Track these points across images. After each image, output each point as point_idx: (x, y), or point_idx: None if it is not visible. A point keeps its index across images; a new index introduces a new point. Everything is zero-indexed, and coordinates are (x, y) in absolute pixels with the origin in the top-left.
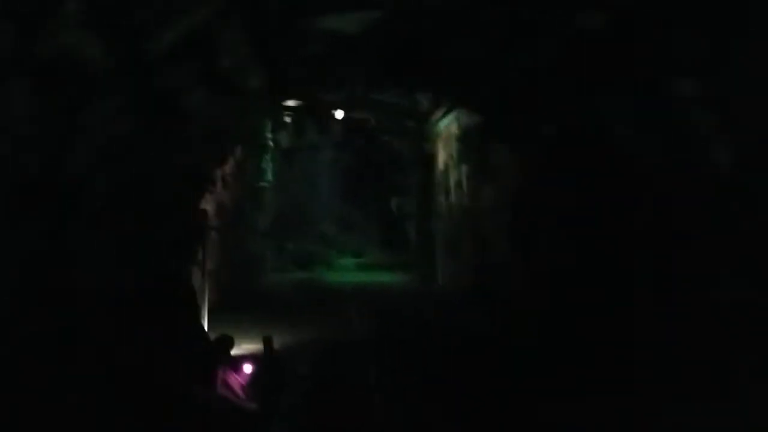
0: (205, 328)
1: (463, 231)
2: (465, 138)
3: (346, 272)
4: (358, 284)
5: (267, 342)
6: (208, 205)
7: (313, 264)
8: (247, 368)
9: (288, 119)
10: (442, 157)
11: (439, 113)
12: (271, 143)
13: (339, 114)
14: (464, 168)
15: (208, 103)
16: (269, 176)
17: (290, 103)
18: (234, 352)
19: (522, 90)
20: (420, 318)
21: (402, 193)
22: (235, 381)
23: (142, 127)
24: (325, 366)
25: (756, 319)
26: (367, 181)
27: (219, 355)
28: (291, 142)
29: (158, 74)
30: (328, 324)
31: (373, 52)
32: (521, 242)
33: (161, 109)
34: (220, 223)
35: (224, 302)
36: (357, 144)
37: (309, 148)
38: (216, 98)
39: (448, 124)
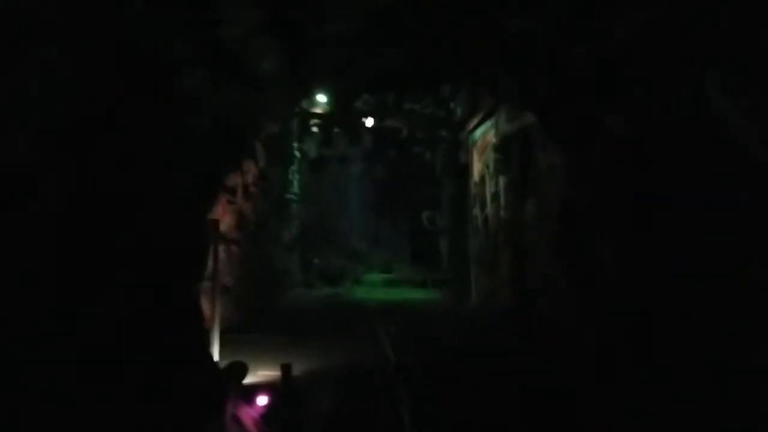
0: (215, 353)
1: (501, 245)
2: (504, 146)
3: (375, 288)
4: (387, 301)
5: (285, 370)
6: (228, 215)
7: (340, 279)
8: (262, 400)
9: (315, 128)
10: (477, 168)
11: (474, 121)
12: (297, 153)
13: (369, 122)
14: (502, 178)
15: (212, 88)
16: (296, 188)
17: (318, 110)
18: (247, 380)
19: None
20: (455, 341)
21: (433, 206)
22: (248, 415)
23: (122, 106)
24: (350, 397)
25: None
26: (398, 194)
27: (229, 385)
28: (319, 152)
29: (139, 26)
30: (354, 347)
31: (413, 30)
32: (569, 256)
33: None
34: (241, 236)
35: (244, 321)
36: (387, 155)
37: (338, 159)
38: (222, 82)
39: (484, 133)
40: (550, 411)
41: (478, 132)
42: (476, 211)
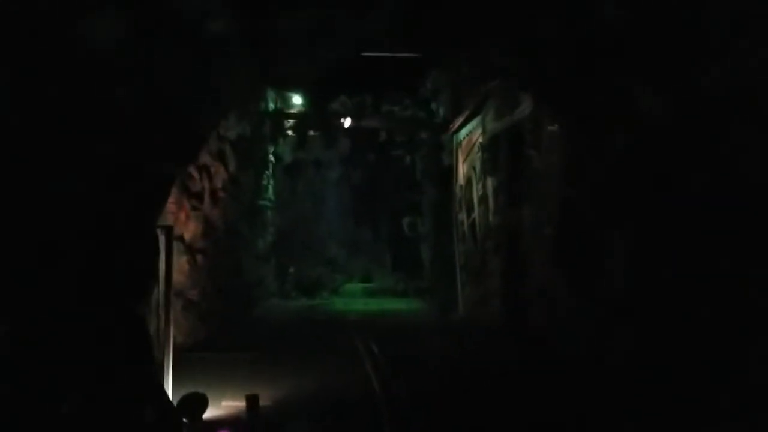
0: (168, 383)
1: (490, 252)
2: (492, 146)
3: (355, 298)
4: (368, 313)
5: (251, 402)
6: (193, 222)
7: (318, 289)
8: None
9: (290, 131)
10: (462, 171)
11: (458, 121)
12: (272, 157)
13: (347, 122)
14: (490, 180)
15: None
16: (270, 194)
17: (293, 111)
18: (208, 414)
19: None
20: (446, 361)
21: (414, 212)
22: None
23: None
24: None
25: None
26: (377, 199)
27: (183, 422)
28: (294, 156)
29: None
30: (333, 369)
31: None
32: (570, 264)
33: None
34: (209, 244)
35: (211, 337)
36: (366, 159)
37: (314, 163)
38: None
39: (469, 133)
40: None
41: (463, 132)
42: (462, 215)
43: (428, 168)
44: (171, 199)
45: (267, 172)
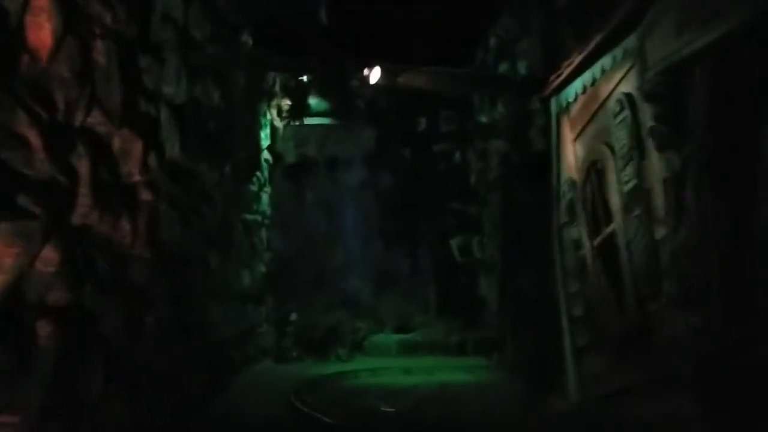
0: None
1: (659, 301)
2: (667, 91)
3: (387, 359)
4: (412, 393)
5: None
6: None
7: (331, 345)
8: None
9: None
10: (573, 155)
11: (567, 70)
12: (267, 155)
13: (375, 74)
14: (659, 161)
15: None
16: (264, 205)
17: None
18: None
19: None
20: None
21: (469, 229)
22: None
23: None
24: None
25: None
26: (416, 212)
27: None
28: (300, 153)
29: None
30: None
31: None
32: None
33: None
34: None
35: None
36: (400, 156)
37: (328, 162)
38: None
39: (593, 83)
40: None
41: (575, 88)
42: (575, 230)
43: (500, 159)
44: None
45: (258, 173)
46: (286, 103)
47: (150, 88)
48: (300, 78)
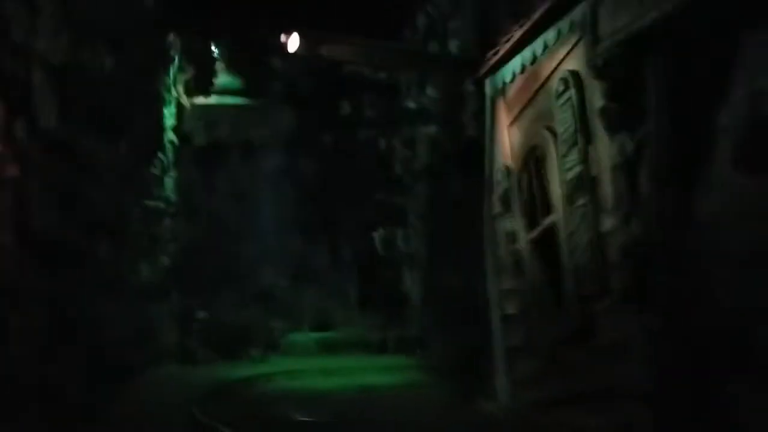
0: None
1: (600, 289)
2: (619, 66)
3: (306, 361)
4: (333, 398)
5: None
6: None
7: (244, 345)
8: None
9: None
10: (509, 141)
11: (504, 47)
12: (173, 136)
13: (293, 42)
14: (607, 144)
15: None
16: (169, 190)
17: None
18: None
19: None
20: None
21: (393, 220)
22: None
23: None
24: None
25: None
26: (337, 202)
27: None
28: (211, 136)
29: None
30: None
31: None
32: None
33: None
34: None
35: None
36: (320, 142)
37: (242, 146)
38: None
39: (533, 62)
40: None
41: (512, 67)
42: (509, 222)
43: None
44: None
45: (161, 155)
46: (191, 72)
47: (18, 42)
48: (206, 42)
